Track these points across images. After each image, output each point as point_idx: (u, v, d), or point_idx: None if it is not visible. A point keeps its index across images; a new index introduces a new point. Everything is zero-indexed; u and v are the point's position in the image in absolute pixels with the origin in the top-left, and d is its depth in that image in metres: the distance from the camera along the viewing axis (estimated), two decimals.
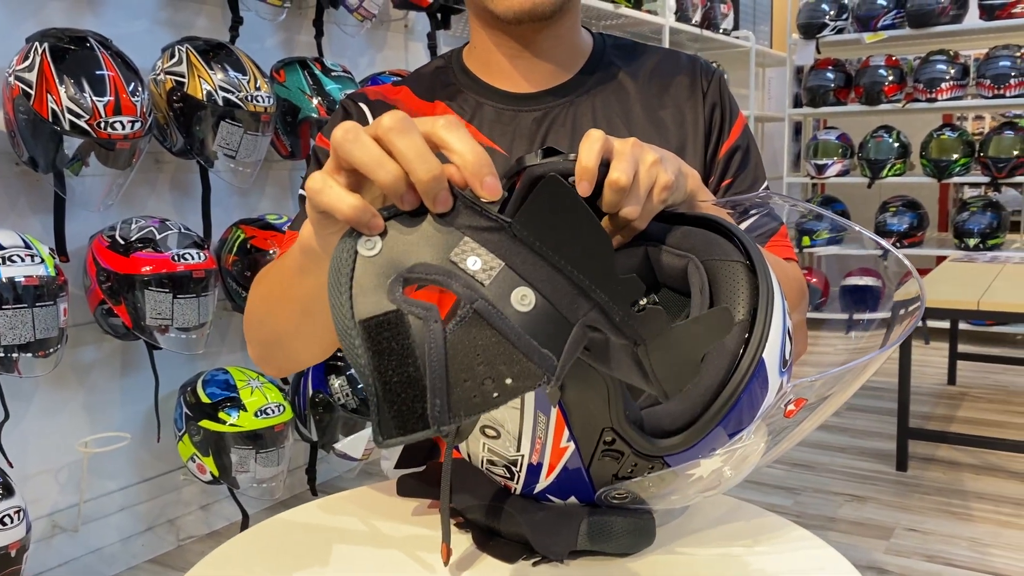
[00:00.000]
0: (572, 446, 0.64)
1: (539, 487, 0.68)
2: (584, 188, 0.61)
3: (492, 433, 0.66)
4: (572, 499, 0.68)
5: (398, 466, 1.13)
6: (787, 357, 0.65)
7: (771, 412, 0.63)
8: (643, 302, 0.72)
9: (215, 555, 0.74)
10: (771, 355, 0.62)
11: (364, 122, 0.97)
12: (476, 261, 0.50)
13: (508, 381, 0.48)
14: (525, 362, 0.48)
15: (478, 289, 0.49)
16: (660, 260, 0.71)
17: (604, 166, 0.62)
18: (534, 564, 0.68)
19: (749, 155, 1.00)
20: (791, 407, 0.64)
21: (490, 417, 0.65)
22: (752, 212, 0.85)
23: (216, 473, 2.14)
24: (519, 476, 0.68)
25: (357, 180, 0.54)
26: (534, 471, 0.67)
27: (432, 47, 2.97)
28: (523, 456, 0.66)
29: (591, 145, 0.61)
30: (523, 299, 0.49)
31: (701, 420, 0.61)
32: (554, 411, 0.63)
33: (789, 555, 0.71)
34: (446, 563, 0.67)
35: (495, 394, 0.48)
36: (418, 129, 0.52)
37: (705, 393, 0.61)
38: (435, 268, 0.50)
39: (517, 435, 0.65)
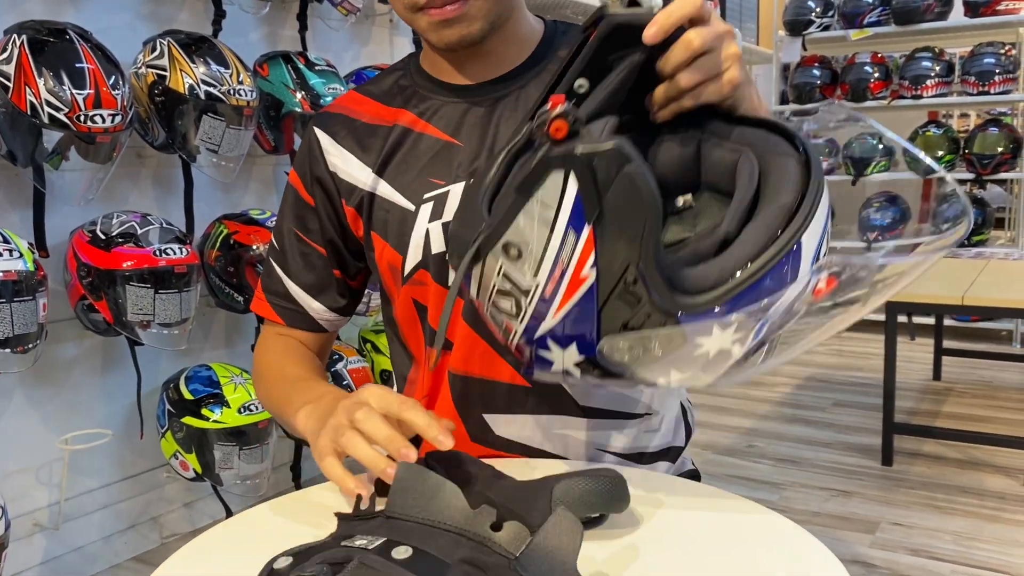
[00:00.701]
0: (592, 277, 0.63)
1: (543, 327, 0.66)
2: (651, 35, 0.68)
3: (514, 253, 0.65)
4: (571, 348, 0.67)
5: None
6: (821, 256, 0.65)
7: (797, 303, 0.63)
8: (681, 203, 0.75)
9: (192, 546, 0.73)
10: (808, 244, 0.62)
11: (320, 153, 1.02)
12: (361, 540, 0.62)
13: None
14: None
15: (364, 549, 0.61)
16: (711, 154, 0.72)
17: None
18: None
19: None
20: (820, 285, 0.63)
21: (517, 232, 0.65)
22: None
23: (199, 470, 2.12)
24: (525, 313, 0.66)
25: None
26: (544, 305, 0.65)
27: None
28: (537, 286, 0.65)
29: (683, 3, 0.68)
30: (402, 552, 0.60)
31: (726, 284, 0.61)
32: (586, 229, 0.62)
33: (774, 547, 0.71)
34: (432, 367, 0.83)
35: None
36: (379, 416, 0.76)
37: (737, 262, 0.61)
38: (328, 544, 0.63)
39: (539, 257, 0.64)
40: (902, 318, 3.33)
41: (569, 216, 0.62)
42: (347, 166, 1.00)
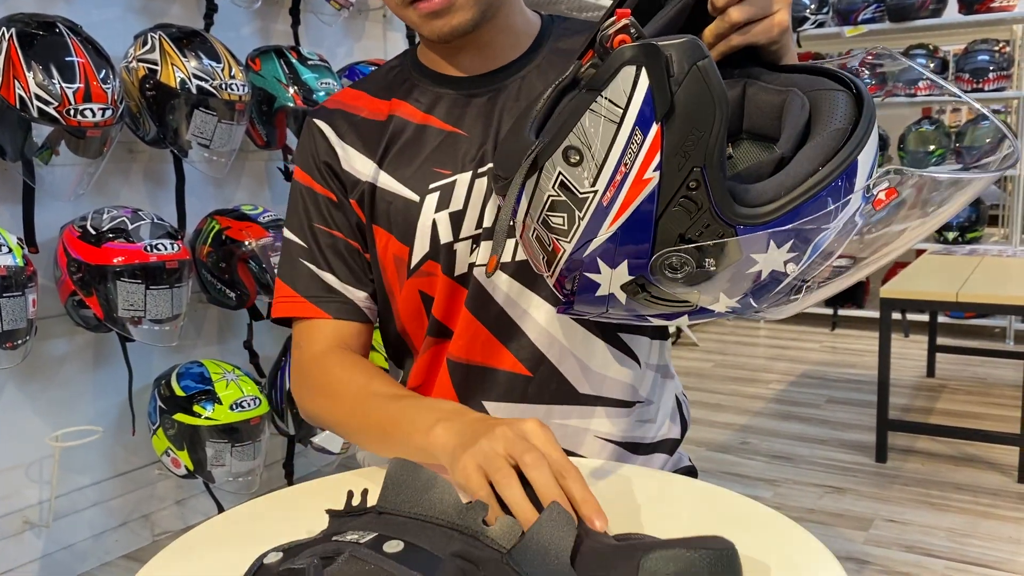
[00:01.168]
0: (655, 181, 0.62)
1: (595, 243, 0.66)
2: None
3: (575, 157, 0.64)
4: (621, 267, 0.66)
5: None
6: (872, 184, 0.65)
7: (855, 219, 0.64)
8: (729, 150, 0.75)
9: (181, 542, 0.72)
10: (863, 164, 0.63)
11: (325, 144, 1.00)
12: (353, 535, 0.62)
13: None
14: None
15: (355, 543, 0.60)
16: (757, 97, 0.73)
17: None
18: None
19: None
20: (881, 196, 0.64)
21: (581, 134, 0.64)
22: None
23: (191, 467, 2.11)
24: (579, 227, 0.66)
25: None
26: (600, 215, 0.64)
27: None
28: (596, 192, 0.64)
29: None
30: (394, 546, 0.59)
31: (785, 198, 0.62)
32: (654, 128, 0.62)
33: (769, 543, 0.70)
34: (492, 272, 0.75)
35: None
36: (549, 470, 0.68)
37: (796, 179, 0.62)
38: (319, 540, 0.63)
39: (602, 160, 0.63)
40: (896, 315, 3.33)
41: (638, 113, 0.62)
42: (349, 159, 0.99)
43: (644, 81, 0.61)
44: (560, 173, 0.65)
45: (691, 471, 1.11)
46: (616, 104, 0.62)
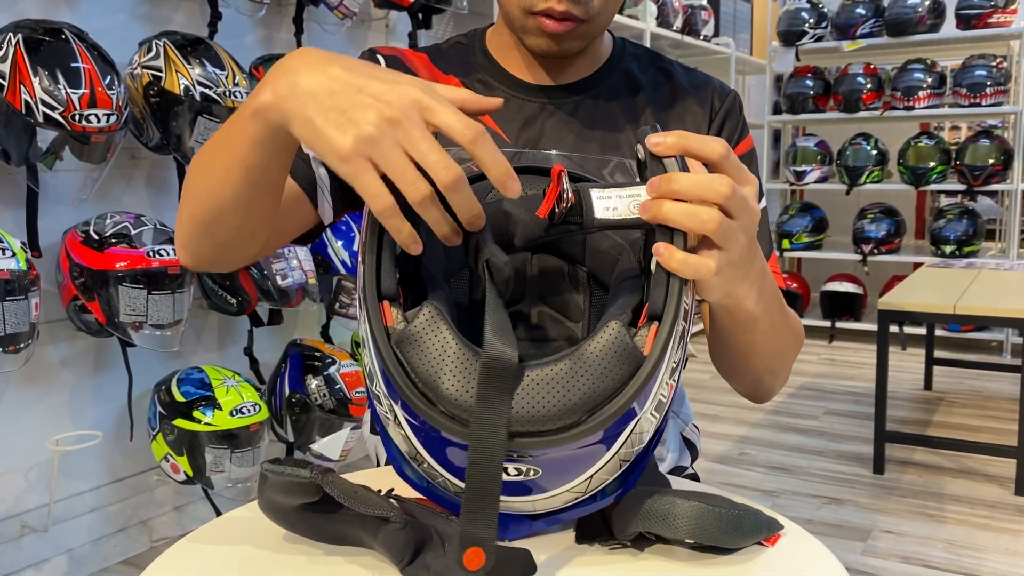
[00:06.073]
0: None
1: None
2: (653, 143, 0.63)
3: None
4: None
5: (373, 431, 1.13)
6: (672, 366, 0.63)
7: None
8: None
9: (180, 545, 0.73)
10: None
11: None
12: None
13: None
14: None
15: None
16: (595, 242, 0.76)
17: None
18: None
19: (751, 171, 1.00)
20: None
21: None
22: None
23: (190, 473, 2.11)
24: None
25: None
26: None
27: (413, 47, 2.95)
28: None
29: (709, 145, 0.63)
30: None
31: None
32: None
33: (776, 550, 0.70)
34: None
35: None
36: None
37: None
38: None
39: None
40: (893, 328, 3.34)
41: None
42: None
43: None
44: None
45: (694, 477, 1.12)
46: None
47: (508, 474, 0.61)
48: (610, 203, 0.64)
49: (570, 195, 0.63)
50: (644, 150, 0.65)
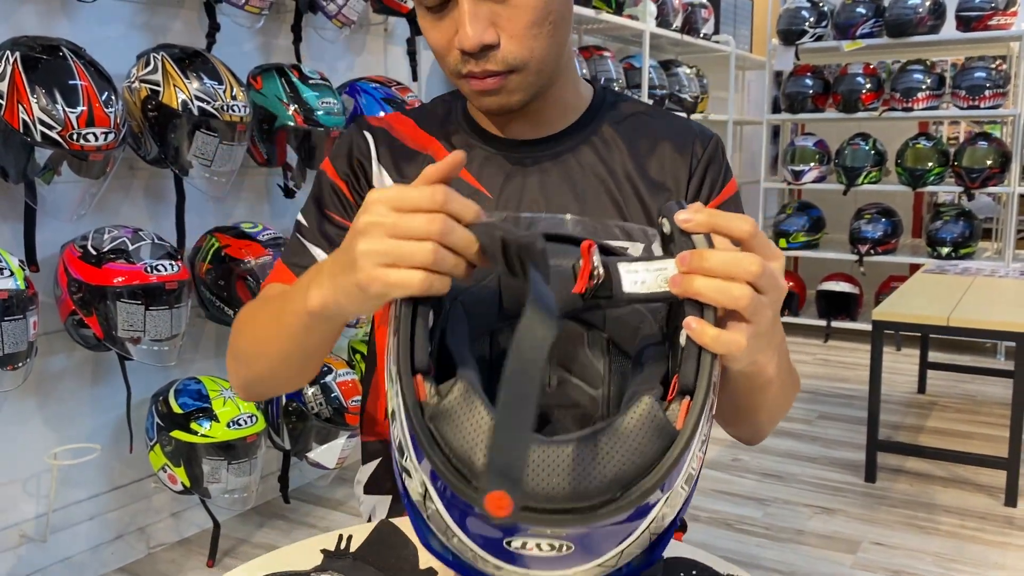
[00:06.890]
0: None
1: None
2: (683, 219, 0.64)
3: None
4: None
5: (367, 491, 1.14)
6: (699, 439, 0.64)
7: None
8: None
9: None
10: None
11: (366, 149, 1.01)
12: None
13: None
14: None
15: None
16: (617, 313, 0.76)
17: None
18: None
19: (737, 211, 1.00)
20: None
21: None
22: None
23: (187, 483, 2.13)
24: None
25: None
26: None
27: (412, 53, 2.95)
28: None
29: (736, 223, 0.64)
30: None
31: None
32: None
33: None
34: None
35: None
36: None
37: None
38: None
39: None
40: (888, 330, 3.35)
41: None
42: (381, 177, 1.00)
43: None
44: None
45: (682, 524, 1.13)
46: None
47: (541, 549, 0.60)
48: (638, 276, 0.65)
49: (600, 272, 0.64)
50: (671, 224, 0.65)
